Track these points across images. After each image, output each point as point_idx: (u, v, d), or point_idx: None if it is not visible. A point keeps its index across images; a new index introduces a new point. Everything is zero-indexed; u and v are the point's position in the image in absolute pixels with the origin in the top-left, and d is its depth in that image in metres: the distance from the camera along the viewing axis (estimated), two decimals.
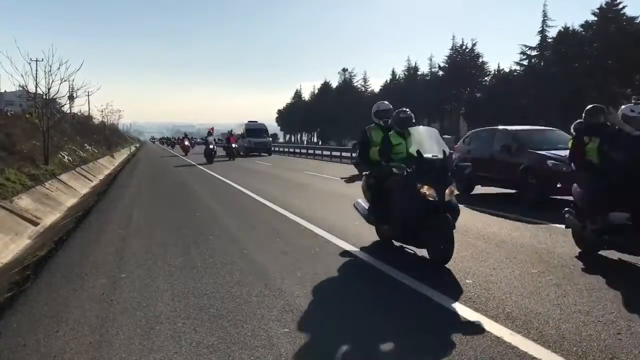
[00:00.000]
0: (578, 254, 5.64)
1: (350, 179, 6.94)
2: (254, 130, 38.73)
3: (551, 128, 12.50)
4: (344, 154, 29.57)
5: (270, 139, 42.37)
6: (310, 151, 38.06)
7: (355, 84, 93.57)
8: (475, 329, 3.57)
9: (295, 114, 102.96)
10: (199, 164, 25.46)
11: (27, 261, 6.13)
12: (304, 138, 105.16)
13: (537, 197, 9.47)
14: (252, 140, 37.01)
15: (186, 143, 41.83)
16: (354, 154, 10.01)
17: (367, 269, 5.37)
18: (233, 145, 31.21)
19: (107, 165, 28.58)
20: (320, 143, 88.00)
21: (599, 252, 5.56)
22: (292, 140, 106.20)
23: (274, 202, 10.42)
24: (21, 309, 4.22)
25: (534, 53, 58.61)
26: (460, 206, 5.72)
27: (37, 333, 3.66)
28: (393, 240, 6.18)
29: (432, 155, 5.34)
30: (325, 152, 34.65)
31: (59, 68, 17.50)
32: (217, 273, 5.14)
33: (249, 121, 41.43)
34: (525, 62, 59.48)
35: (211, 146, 27.15)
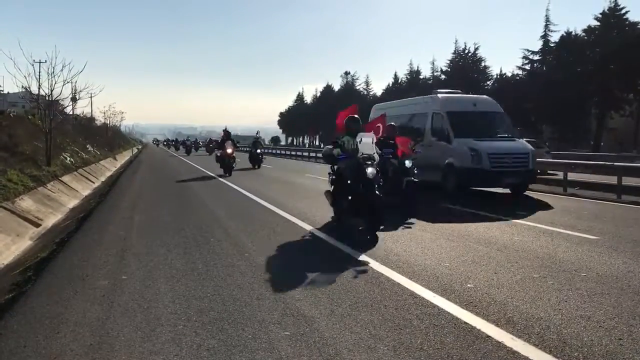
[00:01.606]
0: None
1: None
2: (479, 115, 13.55)
3: None
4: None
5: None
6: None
7: (358, 87, 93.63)
8: (476, 333, 3.56)
9: (297, 117, 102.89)
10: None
11: (28, 262, 6.14)
12: (306, 141, 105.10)
13: None
14: (482, 150, 11.84)
15: (229, 150, 20.54)
16: None
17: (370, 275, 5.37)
18: (407, 163, 9.86)
19: (109, 167, 28.61)
20: (322, 146, 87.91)
21: None
22: (294, 143, 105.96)
23: None
24: (22, 310, 4.22)
25: (536, 57, 58.62)
26: (460, 208, 5.70)
27: (37, 334, 3.66)
28: None
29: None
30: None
31: (62, 70, 17.49)
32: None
33: (447, 90, 15.75)
34: (527, 67, 59.50)
35: (370, 170, 6.99)
